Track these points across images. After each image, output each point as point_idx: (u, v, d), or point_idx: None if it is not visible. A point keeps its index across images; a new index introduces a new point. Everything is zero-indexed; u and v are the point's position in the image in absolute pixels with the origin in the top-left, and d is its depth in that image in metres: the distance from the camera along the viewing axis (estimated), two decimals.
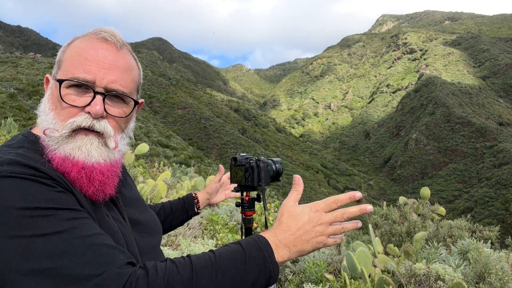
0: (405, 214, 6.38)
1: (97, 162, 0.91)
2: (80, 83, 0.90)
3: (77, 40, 0.96)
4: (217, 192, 1.65)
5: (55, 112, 0.91)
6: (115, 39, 0.96)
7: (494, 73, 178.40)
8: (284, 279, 4.25)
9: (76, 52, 0.93)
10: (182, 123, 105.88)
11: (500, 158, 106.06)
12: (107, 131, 0.93)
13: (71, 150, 0.89)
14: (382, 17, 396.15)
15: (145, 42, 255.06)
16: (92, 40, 0.94)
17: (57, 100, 0.91)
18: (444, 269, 3.30)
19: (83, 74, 0.90)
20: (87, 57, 0.92)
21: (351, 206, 0.96)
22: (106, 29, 0.97)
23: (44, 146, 0.89)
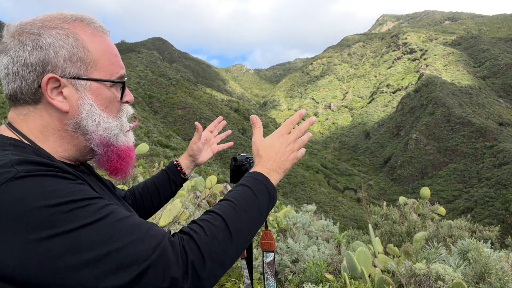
0: (405, 214, 6.39)
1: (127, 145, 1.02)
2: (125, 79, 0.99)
3: (85, 33, 0.92)
4: (201, 151, 1.55)
5: (107, 112, 0.94)
6: (107, 29, 0.99)
7: (494, 73, 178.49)
8: (284, 279, 4.25)
9: (104, 50, 0.94)
10: (182, 123, 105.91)
11: (500, 158, 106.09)
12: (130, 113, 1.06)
13: (128, 140, 1.02)
14: (382, 17, 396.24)
15: (145, 42, 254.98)
16: (102, 36, 0.95)
17: (109, 100, 0.94)
18: (444, 269, 3.30)
19: (122, 71, 0.97)
20: (115, 54, 0.97)
21: (302, 123, 1.15)
22: (92, 18, 0.96)
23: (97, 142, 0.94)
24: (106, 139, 0.94)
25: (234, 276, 4.03)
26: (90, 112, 0.91)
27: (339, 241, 5.77)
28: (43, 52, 0.86)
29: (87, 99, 0.90)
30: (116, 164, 0.99)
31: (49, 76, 0.86)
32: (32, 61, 0.85)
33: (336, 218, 32.62)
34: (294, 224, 6.05)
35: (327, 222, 6.58)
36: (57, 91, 0.88)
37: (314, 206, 8.32)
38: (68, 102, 0.89)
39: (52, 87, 0.87)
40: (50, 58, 0.86)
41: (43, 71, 0.86)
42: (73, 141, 0.93)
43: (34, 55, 0.85)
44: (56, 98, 0.88)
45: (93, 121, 0.91)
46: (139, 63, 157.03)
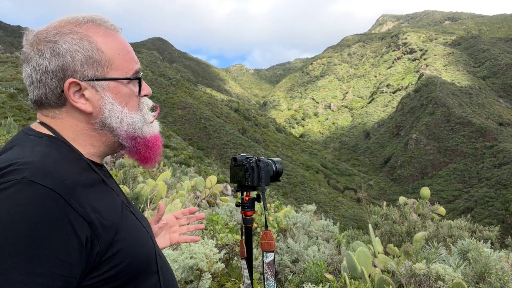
0: (405, 214, 6.39)
1: (152, 134, 1.06)
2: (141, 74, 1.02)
3: (97, 34, 0.94)
4: (156, 235, 1.36)
5: (128, 107, 0.98)
6: (118, 27, 1.01)
7: (494, 73, 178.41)
8: (284, 279, 4.25)
9: (117, 48, 0.96)
10: (182, 123, 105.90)
11: (500, 158, 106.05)
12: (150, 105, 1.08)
13: (154, 130, 1.05)
14: (382, 17, 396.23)
15: (145, 42, 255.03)
16: (114, 34, 0.98)
17: (128, 96, 0.98)
18: (444, 269, 3.30)
19: (137, 65, 1.01)
20: (129, 50, 1.00)
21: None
22: (103, 18, 0.98)
23: (124, 137, 0.98)
24: (131, 133, 0.98)
25: (234, 276, 4.03)
26: (112, 110, 0.94)
27: (339, 241, 5.77)
28: (61, 58, 0.89)
29: (107, 99, 0.94)
30: (145, 154, 1.02)
31: (70, 81, 0.90)
32: (52, 68, 0.89)
33: (336, 218, 32.65)
34: (294, 224, 6.05)
35: (327, 222, 6.58)
36: (79, 94, 0.92)
37: (314, 206, 8.32)
38: (91, 103, 0.93)
39: (74, 91, 0.91)
40: (68, 63, 0.90)
41: (64, 76, 0.89)
42: (102, 138, 0.97)
43: (53, 62, 0.89)
44: (79, 101, 0.92)
45: (116, 118, 0.95)
46: (139, 63, 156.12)
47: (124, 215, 0.91)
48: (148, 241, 0.96)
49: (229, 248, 4.42)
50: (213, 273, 3.65)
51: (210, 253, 3.51)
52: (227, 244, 4.38)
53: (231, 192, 10.70)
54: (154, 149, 1.04)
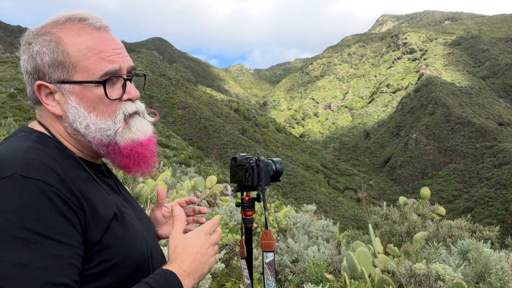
0: (405, 214, 6.38)
1: (150, 135, 1.00)
2: (117, 76, 0.93)
3: (69, 34, 0.90)
4: (162, 223, 1.27)
5: (96, 113, 0.91)
6: (104, 23, 0.95)
7: (494, 73, 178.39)
8: (284, 279, 4.25)
9: (86, 48, 0.90)
10: (182, 123, 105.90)
11: (500, 158, 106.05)
12: (141, 108, 1.00)
13: (133, 135, 0.96)
14: (382, 17, 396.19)
15: (145, 42, 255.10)
16: (91, 31, 0.92)
17: (96, 101, 0.91)
18: (444, 269, 3.30)
19: (111, 66, 0.91)
20: (102, 50, 0.91)
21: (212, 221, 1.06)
22: (88, 15, 0.94)
23: (95, 143, 0.93)
24: (101, 140, 0.92)
25: (234, 276, 4.03)
26: (77, 115, 0.90)
27: (339, 241, 5.77)
28: (34, 60, 0.89)
29: (71, 103, 0.90)
30: (121, 162, 0.96)
31: (37, 84, 0.89)
32: (29, 70, 0.91)
33: (336, 218, 32.65)
34: (294, 224, 6.05)
35: (327, 222, 6.58)
36: (52, 97, 0.91)
37: (314, 206, 8.32)
38: (60, 106, 0.91)
39: (46, 93, 0.91)
40: (39, 65, 0.89)
41: (38, 78, 0.90)
42: (80, 142, 0.95)
43: (29, 64, 0.90)
44: (49, 103, 0.91)
45: (81, 123, 0.90)
46: (139, 63, 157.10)
47: (118, 215, 0.89)
48: (141, 243, 0.93)
49: (229, 248, 4.42)
50: (213, 273, 3.65)
51: None
52: (227, 244, 4.38)
53: (231, 192, 10.70)
54: (133, 157, 0.96)
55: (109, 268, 0.83)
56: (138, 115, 0.99)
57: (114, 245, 0.84)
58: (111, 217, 0.86)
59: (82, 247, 0.78)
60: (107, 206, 0.87)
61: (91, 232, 0.80)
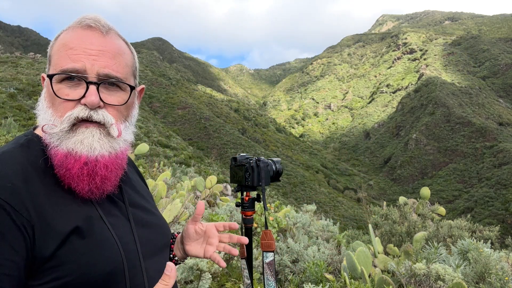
0: (405, 214, 6.39)
1: (101, 155, 0.88)
2: (70, 74, 0.87)
3: (63, 32, 0.93)
4: (193, 239, 1.20)
5: (53, 109, 0.88)
6: (99, 24, 0.92)
7: (494, 73, 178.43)
8: (284, 279, 4.25)
9: (61, 44, 0.90)
10: (182, 123, 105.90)
11: (500, 158, 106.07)
12: (107, 120, 0.89)
13: (73, 145, 0.85)
14: (382, 17, 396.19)
15: (145, 42, 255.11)
16: (76, 30, 0.91)
17: (53, 97, 0.88)
18: (444, 269, 3.30)
19: (71, 64, 0.87)
20: (72, 47, 0.88)
21: None
22: (90, 16, 0.93)
23: (46, 144, 0.87)
24: (47, 138, 0.88)
25: (234, 276, 4.03)
26: (40, 107, 0.91)
27: (339, 241, 5.77)
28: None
29: (42, 95, 0.93)
30: (56, 171, 0.86)
31: (42, 76, 0.95)
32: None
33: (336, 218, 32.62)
34: (294, 224, 6.05)
35: (327, 222, 6.58)
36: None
37: (314, 206, 8.32)
38: None
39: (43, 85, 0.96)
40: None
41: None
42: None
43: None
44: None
45: (40, 116, 0.91)
46: (139, 63, 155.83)
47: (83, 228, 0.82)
48: (112, 260, 0.84)
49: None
50: (213, 273, 3.65)
51: None
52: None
53: (231, 192, 10.70)
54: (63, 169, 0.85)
55: (62, 285, 0.77)
56: (98, 129, 0.89)
57: (70, 261, 0.78)
58: (68, 231, 0.79)
59: (18, 265, 0.73)
60: (69, 218, 0.81)
61: (41, 247, 0.75)
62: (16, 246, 0.73)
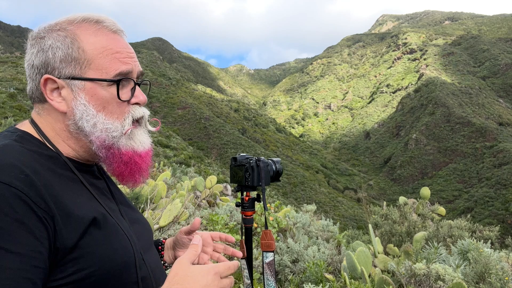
0: (405, 214, 6.39)
1: (149, 148, 0.98)
2: (129, 78, 0.93)
3: (86, 33, 0.91)
4: (186, 246, 1.24)
5: (105, 112, 0.91)
6: (121, 28, 0.97)
7: (494, 73, 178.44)
8: (284, 279, 4.25)
9: (103, 47, 0.90)
10: (182, 123, 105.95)
11: (500, 158, 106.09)
12: (147, 116, 1.00)
13: (135, 144, 0.94)
14: (382, 17, 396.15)
15: (145, 42, 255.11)
16: (108, 34, 0.93)
17: (106, 100, 0.90)
18: (444, 269, 3.30)
19: (125, 67, 0.92)
20: (118, 50, 0.92)
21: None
22: (110, 19, 0.95)
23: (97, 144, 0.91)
24: (106, 141, 0.91)
25: (234, 276, 4.03)
26: (85, 112, 0.89)
27: (339, 241, 5.77)
28: (44, 54, 0.88)
29: (80, 100, 0.89)
30: (118, 169, 0.94)
31: (45, 77, 0.88)
32: (37, 64, 0.89)
33: (336, 218, 32.63)
34: (294, 224, 6.05)
35: (327, 222, 6.58)
36: (57, 92, 0.89)
37: (314, 206, 8.32)
38: (66, 102, 0.89)
39: (51, 88, 0.89)
40: (49, 59, 0.88)
41: (45, 72, 0.89)
42: (79, 142, 0.92)
43: (38, 58, 0.89)
44: (54, 99, 0.89)
45: (88, 122, 0.89)
46: (139, 63, 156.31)
47: (100, 219, 0.84)
48: (126, 251, 0.87)
49: None
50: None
51: None
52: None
53: (231, 192, 10.70)
54: (131, 166, 0.94)
55: (83, 278, 0.78)
56: (141, 125, 0.98)
57: (91, 252, 0.79)
58: (88, 222, 0.81)
59: (44, 256, 0.73)
60: (86, 209, 0.83)
61: (63, 238, 0.76)
62: (40, 237, 0.72)
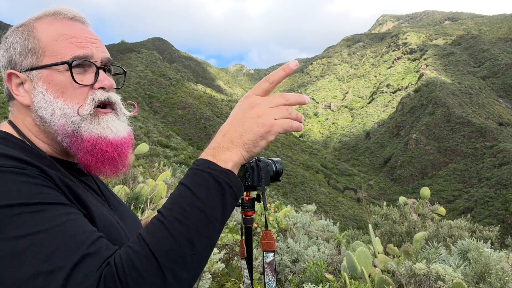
0: (405, 214, 6.39)
1: (123, 137, 0.92)
2: (87, 61, 0.89)
3: (43, 23, 0.90)
4: None
5: (64, 98, 0.87)
6: (82, 16, 0.95)
7: (494, 73, 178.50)
8: (284, 279, 4.26)
9: (58, 34, 0.89)
10: (182, 123, 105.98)
11: (500, 158, 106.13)
12: (118, 100, 0.95)
13: (102, 130, 0.89)
14: (382, 17, 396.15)
15: (145, 42, 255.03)
16: (64, 21, 0.91)
17: (64, 85, 0.87)
18: (444, 269, 3.30)
19: (82, 51, 0.88)
20: (74, 35, 0.89)
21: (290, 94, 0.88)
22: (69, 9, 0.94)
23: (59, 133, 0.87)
24: (66, 128, 0.87)
25: (234, 276, 4.03)
26: (43, 100, 0.87)
27: (339, 241, 5.77)
28: (8, 52, 0.89)
29: (38, 88, 0.87)
30: (83, 158, 0.88)
31: (7, 72, 0.88)
32: (4, 63, 0.90)
33: (336, 218, 32.60)
34: (294, 224, 6.06)
35: (327, 222, 6.58)
36: (22, 87, 0.88)
37: (314, 206, 8.33)
38: (28, 95, 0.88)
39: (16, 84, 0.88)
40: (11, 55, 0.88)
41: (10, 69, 0.89)
42: (49, 135, 0.90)
43: (4, 56, 0.90)
44: (19, 93, 0.88)
45: (46, 109, 0.86)
46: (139, 63, 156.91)
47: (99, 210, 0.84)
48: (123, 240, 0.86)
49: (229, 248, 4.42)
50: (213, 273, 3.65)
51: None
52: (227, 244, 4.39)
53: None
54: (96, 154, 0.88)
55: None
56: (113, 113, 0.93)
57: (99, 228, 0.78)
58: (93, 210, 0.82)
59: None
60: (87, 198, 0.83)
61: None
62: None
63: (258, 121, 0.78)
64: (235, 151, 0.77)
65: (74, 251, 0.64)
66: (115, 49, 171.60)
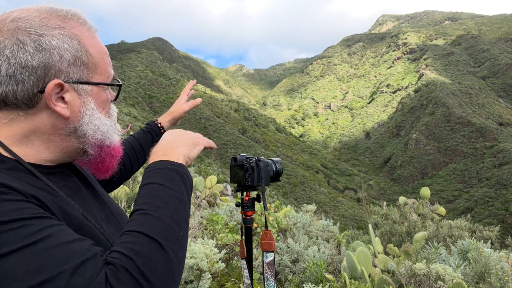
0: (405, 214, 6.39)
1: (118, 143, 1.00)
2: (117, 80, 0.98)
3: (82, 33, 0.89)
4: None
5: (104, 113, 0.94)
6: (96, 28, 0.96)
7: (494, 73, 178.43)
8: (284, 279, 4.26)
9: (101, 50, 0.92)
10: (182, 123, 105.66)
11: (500, 158, 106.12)
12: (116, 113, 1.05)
13: (119, 138, 0.99)
14: (382, 17, 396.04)
15: (145, 42, 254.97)
16: (92, 33, 0.92)
17: (105, 102, 0.94)
18: (444, 269, 3.30)
19: (112, 69, 0.96)
20: (108, 54, 0.96)
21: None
22: (85, 17, 0.92)
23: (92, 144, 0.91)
24: (101, 141, 0.92)
25: (234, 276, 4.03)
26: (92, 116, 0.89)
27: (339, 241, 5.77)
28: (47, 55, 0.81)
29: (89, 104, 0.89)
30: (109, 163, 0.96)
31: (56, 82, 0.82)
32: (34, 64, 0.80)
33: (336, 218, 32.60)
34: (294, 224, 6.05)
35: (327, 222, 6.58)
36: (57, 96, 0.84)
37: (314, 206, 8.33)
38: (70, 107, 0.86)
39: (55, 93, 0.84)
40: (54, 61, 0.82)
41: (45, 75, 0.81)
42: (63, 144, 0.89)
43: (37, 57, 0.80)
44: (58, 104, 0.84)
45: (94, 125, 0.89)
46: (139, 63, 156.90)
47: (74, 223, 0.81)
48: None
49: (229, 248, 4.42)
50: (213, 273, 3.65)
51: (210, 253, 3.51)
52: (227, 244, 4.39)
53: (231, 192, 10.71)
54: (117, 158, 0.99)
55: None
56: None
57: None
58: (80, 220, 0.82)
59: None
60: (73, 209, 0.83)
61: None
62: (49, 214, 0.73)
63: (190, 135, 1.04)
64: (182, 148, 0.96)
65: (70, 260, 0.64)
66: (115, 49, 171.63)
